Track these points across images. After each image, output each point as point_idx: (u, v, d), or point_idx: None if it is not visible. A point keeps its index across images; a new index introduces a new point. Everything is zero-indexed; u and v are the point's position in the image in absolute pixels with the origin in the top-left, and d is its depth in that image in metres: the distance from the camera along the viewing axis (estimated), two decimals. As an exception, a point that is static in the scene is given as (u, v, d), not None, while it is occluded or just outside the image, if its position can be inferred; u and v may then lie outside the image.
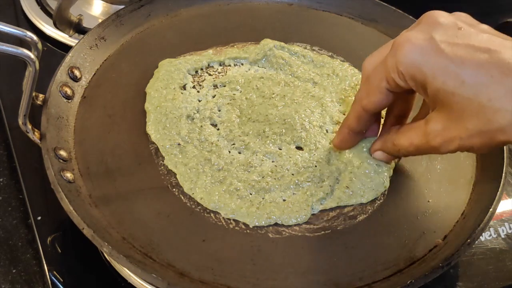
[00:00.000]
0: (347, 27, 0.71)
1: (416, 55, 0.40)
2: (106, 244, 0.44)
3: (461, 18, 0.42)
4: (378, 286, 0.46)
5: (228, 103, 0.58)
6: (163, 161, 0.53)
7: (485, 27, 0.42)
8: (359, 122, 0.48)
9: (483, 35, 0.40)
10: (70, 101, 0.56)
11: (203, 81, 0.61)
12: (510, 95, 0.37)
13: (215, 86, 0.61)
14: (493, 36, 0.40)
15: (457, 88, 0.38)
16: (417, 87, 0.41)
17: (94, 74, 0.60)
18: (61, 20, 0.70)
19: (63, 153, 0.51)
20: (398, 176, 0.54)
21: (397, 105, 0.49)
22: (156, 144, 0.54)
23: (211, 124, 0.57)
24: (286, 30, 0.69)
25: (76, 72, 0.58)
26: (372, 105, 0.45)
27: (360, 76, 0.63)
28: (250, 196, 0.51)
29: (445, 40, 0.40)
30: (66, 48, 0.69)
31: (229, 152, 0.54)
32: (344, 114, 0.59)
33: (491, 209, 0.49)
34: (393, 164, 0.54)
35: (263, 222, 0.49)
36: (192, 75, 0.62)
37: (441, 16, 0.42)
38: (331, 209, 0.51)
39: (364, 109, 0.46)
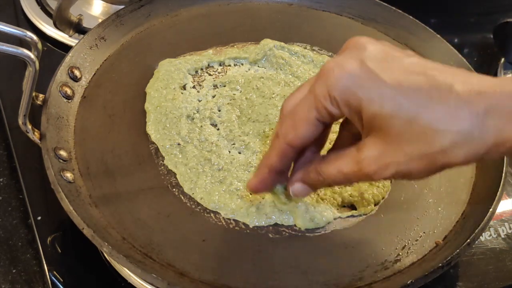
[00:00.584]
0: (347, 27, 0.71)
1: (350, 80, 0.38)
2: (106, 244, 0.44)
3: (387, 44, 0.41)
4: (378, 286, 0.46)
5: (228, 103, 0.58)
6: (163, 161, 0.53)
7: (411, 53, 0.40)
8: (283, 160, 0.43)
9: (413, 59, 0.38)
10: (70, 101, 0.56)
11: (203, 81, 0.61)
12: (450, 115, 0.35)
13: (215, 86, 0.61)
14: (422, 60, 0.39)
15: (395, 112, 0.36)
16: (351, 113, 0.39)
17: (94, 74, 0.60)
18: (61, 20, 0.70)
19: (63, 153, 0.51)
20: (398, 176, 0.54)
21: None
22: (156, 144, 0.54)
23: (211, 124, 0.57)
24: (286, 30, 0.69)
25: (76, 72, 0.58)
26: (299, 139, 0.41)
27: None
28: (250, 196, 0.51)
29: (377, 65, 0.38)
30: (66, 48, 0.69)
31: (229, 152, 0.54)
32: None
33: (491, 209, 0.49)
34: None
35: (263, 222, 0.49)
36: (192, 75, 0.62)
37: (368, 42, 0.40)
38: (331, 209, 0.51)
39: (289, 144, 0.42)
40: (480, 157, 0.36)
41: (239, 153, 0.54)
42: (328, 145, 0.47)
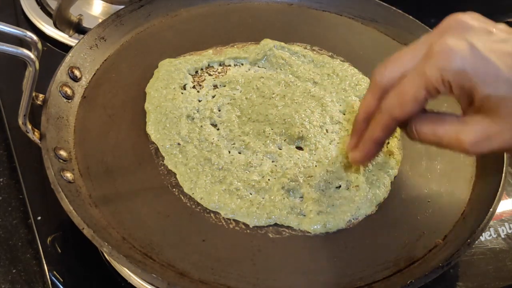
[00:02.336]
0: (347, 27, 0.71)
1: (463, 63, 0.40)
2: (106, 244, 0.44)
3: (480, 19, 0.43)
4: (378, 286, 0.46)
5: (228, 103, 0.58)
6: (163, 161, 0.53)
7: (503, 27, 0.42)
8: (387, 133, 0.46)
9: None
10: (70, 101, 0.56)
11: (203, 81, 0.61)
12: None
13: (215, 86, 0.61)
14: None
15: (509, 93, 0.39)
16: (462, 93, 0.41)
17: (94, 74, 0.60)
18: (61, 20, 0.70)
19: (63, 153, 0.51)
20: (399, 177, 0.54)
21: None
22: (156, 144, 0.54)
23: (211, 124, 0.57)
24: (286, 30, 0.69)
25: (76, 72, 0.58)
26: (406, 115, 0.43)
27: (360, 76, 0.63)
28: (250, 196, 0.51)
29: (486, 46, 0.40)
30: (66, 48, 0.69)
31: (229, 152, 0.54)
32: (344, 114, 0.59)
33: (491, 209, 0.49)
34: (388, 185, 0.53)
35: (263, 222, 0.49)
36: (192, 75, 0.62)
37: (468, 18, 0.42)
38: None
39: (395, 119, 0.44)
40: None
41: (239, 153, 0.54)
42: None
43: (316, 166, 0.53)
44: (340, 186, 0.52)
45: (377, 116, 0.45)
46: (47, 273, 0.52)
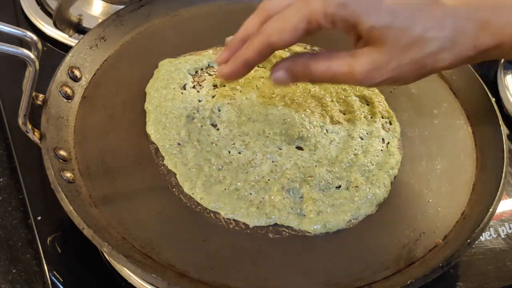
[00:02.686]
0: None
1: None
2: (106, 244, 0.44)
3: None
4: (378, 286, 0.46)
5: (228, 103, 0.58)
6: (163, 161, 0.53)
7: None
8: (261, 57, 0.45)
9: None
10: (70, 101, 0.56)
11: (203, 81, 0.61)
12: (437, 25, 0.41)
13: (215, 86, 0.61)
14: None
15: (391, 23, 0.41)
16: (348, 28, 0.42)
17: (94, 74, 0.60)
18: (61, 20, 0.70)
19: (63, 153, 0.51)
20: (399, 177, 0.54)
21: None
22: (156, 144, 0.54)
23: (211, 124, 0.57)
24: (286, 30, 0.68)
25: (76, 72, 0.58)
26: (282, 43, 0.43)
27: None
28: (250, 196, 0.51)
29: None
30: (66, 48, 0.69)
31: (229, 152, 0.54)
32: (344, 114, 0.59)
33: (491, 209, 0.49)
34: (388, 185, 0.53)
35: (263, 222, 0.49)
36: (192, 75, 0.62)
37: None
38: (331, 209, 0.51)
39: (271, 45, 0.44)
40: (465, 60, 0.42)
41: (239, 153, 0.54)
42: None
43: (316, 166, 0.53)
44: (340, 186, 0.52)
45: (255, 38, 0.45)
46: (47, 273, 0.52)
